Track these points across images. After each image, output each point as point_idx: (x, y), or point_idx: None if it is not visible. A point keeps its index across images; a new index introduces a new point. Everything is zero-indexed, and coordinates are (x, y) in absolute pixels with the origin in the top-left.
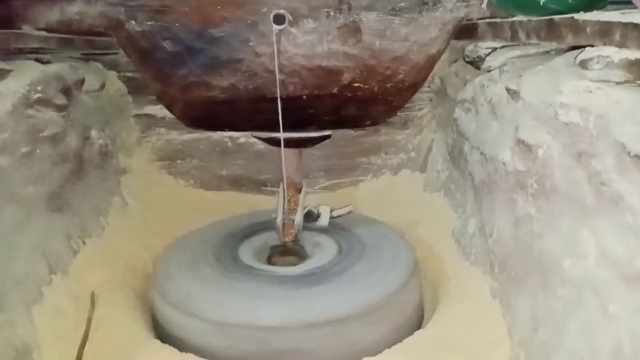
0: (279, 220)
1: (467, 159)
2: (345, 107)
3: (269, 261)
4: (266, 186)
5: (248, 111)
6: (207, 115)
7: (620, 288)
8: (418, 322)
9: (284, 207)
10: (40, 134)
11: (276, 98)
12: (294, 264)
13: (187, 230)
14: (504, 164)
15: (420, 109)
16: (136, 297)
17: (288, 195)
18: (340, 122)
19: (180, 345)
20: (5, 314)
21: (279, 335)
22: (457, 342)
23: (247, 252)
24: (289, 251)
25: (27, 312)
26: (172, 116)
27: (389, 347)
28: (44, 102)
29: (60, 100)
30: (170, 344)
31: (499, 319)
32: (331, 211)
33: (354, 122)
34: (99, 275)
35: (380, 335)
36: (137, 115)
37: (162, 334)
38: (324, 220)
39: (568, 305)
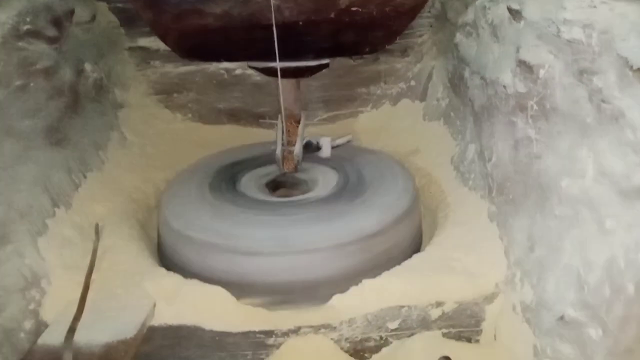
0: (279, 152)
1: (468, 85)
2: (343, 33)
3: (271, 192)
4: (264, 119)
5: (243, 40)
6: (201, 44)
7: (617, 204)
8: (417, 246)
9: (282, 139)
10: (33, 67)
11: (271, 25)
12: (289, 195)
13: (187, 164)
14: (504, 86)
15: (420, 36)
16: (140, 228)
17: (287, 126)
18: (338, 50)
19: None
20: (13, 245)
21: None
22: (455, 263)
23: (248, 184)
24: (290, 182)
25: (33, 242)
26: (167, 48)
27: None
28: (34, 34)
29: (51, 32)
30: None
31: (496, 241)
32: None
33: (353, 49)
34: (102, 207)
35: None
36: (130, 48)
37: (168, 263)
38: (325, 151)
39: (564, 224)
